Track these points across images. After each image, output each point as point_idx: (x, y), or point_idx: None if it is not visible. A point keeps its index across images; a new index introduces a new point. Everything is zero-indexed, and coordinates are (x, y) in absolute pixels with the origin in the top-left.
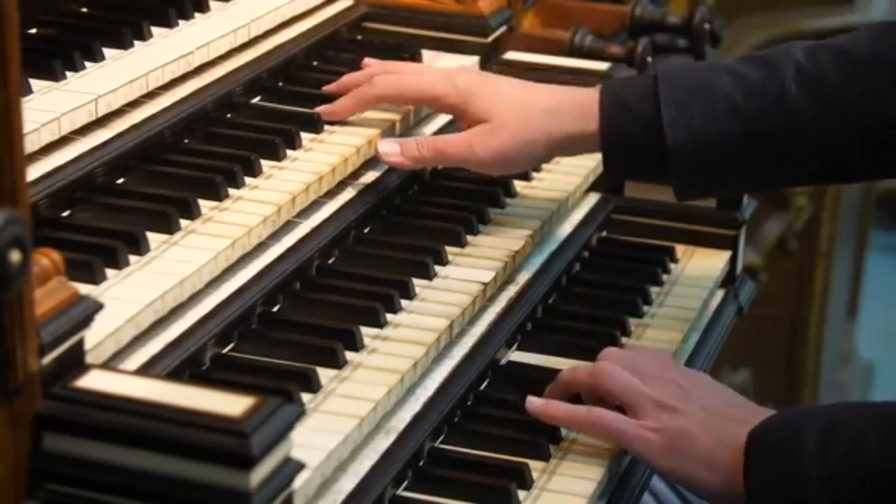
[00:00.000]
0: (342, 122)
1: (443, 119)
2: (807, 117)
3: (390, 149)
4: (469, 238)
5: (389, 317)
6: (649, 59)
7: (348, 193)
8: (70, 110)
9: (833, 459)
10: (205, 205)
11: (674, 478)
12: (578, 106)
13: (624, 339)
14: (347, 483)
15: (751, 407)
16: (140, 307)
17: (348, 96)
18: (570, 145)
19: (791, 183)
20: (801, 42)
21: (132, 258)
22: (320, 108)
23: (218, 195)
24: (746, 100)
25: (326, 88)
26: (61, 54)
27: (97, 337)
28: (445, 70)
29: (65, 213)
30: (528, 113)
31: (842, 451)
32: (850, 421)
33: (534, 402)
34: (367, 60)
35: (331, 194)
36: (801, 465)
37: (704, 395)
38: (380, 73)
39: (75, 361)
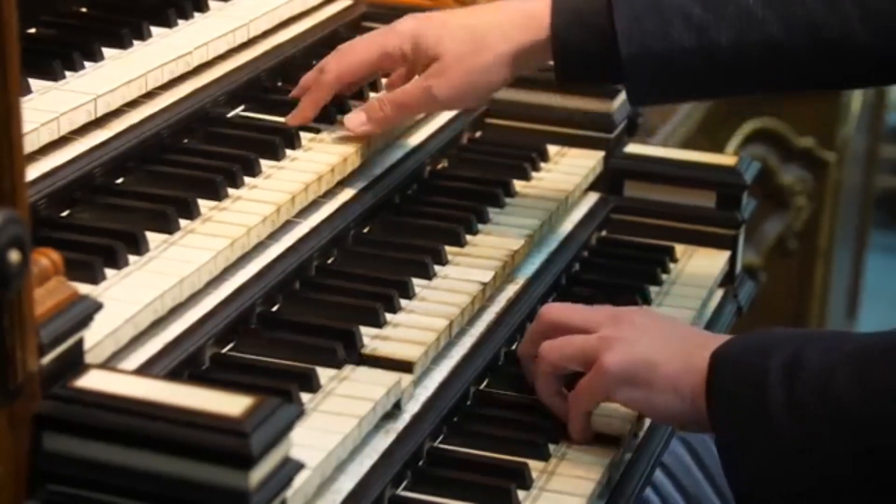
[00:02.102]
0: (341, 123)
1: (444, 116)
2: (766, 29)
3: (356, 119)
4: (468, 238)
5: (389, 316)
6: None
7: (347, 193)
8: (69, 110)
9: (800, 388)
10: (204, 205)
11: (643, 410)
12: (528, 17)
13: None
14: (347, 483)
15: (709, 334)
16: (139, 307)
17: (307, 94)
18: (524, 58)
19: (745, 93)
20: None
21: (131, 258)
22: (288, 118)
23: (217, 195)
24: (704, 12)
25: (292, 95)
26: (60, 54)
27: (96, 337)
28: (384, 27)
29: (64, 213)
30: (476, 37)
31: (810, 382)
32: (819, 351)
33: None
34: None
35: (330, 194)
36: (765, 391)
37: (662, 325)
38: (327, 60)
39: (75, 361)
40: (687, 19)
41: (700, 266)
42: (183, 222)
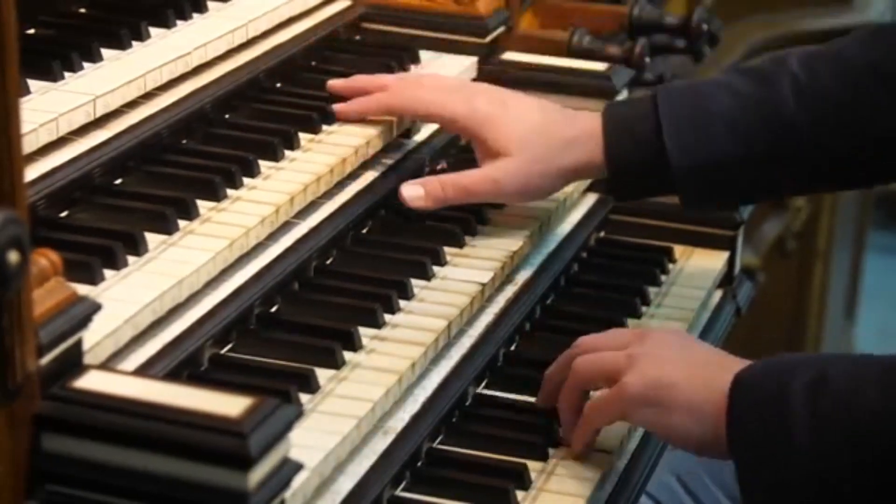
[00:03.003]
0: (340, 123)
1: None
2: (806, 131)
3: (414, 192)
4: (467, 238)
5: (388, 317)
6: (647, 59)
7: (346, 194)
8: (68, 111)
9: (823, 411)
10: (203, 205)
11: (659, 432)
12: (590, 137)
13: None
14: (346, 483)
15: (734, 358)
16: (138, 308)
17: (367, 98)
18: (580, 174)
19: (795, 193)
20: (794, 51)
21: (130, 259)
22: (337, 105)
23: (216, 196)
24: (745, 118)
25: (333, 84)
26: (59, 55)
27: (95, 337)
28: (465, 89)
29: (63, 214)
30: (546, 147)
31: (833, 404)
32: (845, 372)
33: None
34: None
35: (329, 195)
36: (787, 416)
37: (684, 349)
38: (394, 83)
39: (74, 362)
40: (729, 126)
41: (698, 267)
42: (182, 223)
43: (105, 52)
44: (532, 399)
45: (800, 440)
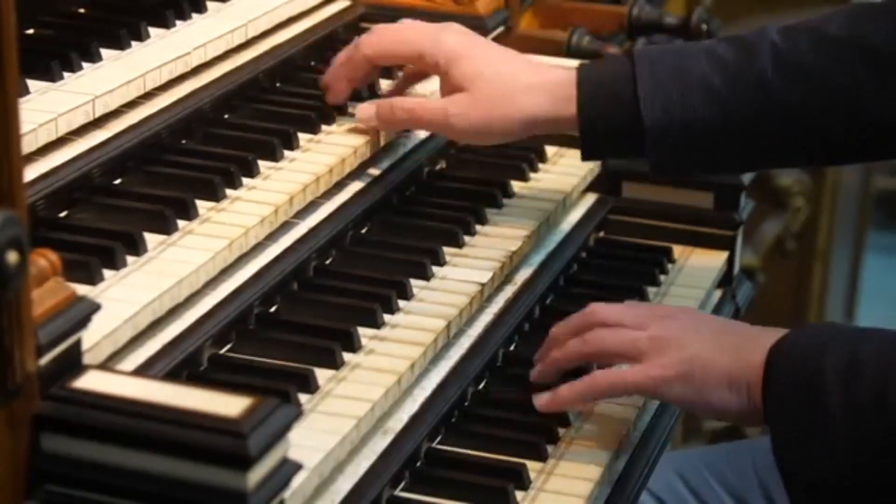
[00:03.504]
0: (339, 124)
1: None
2: (784, 102)
3: (367, 111)
4: (467, 239)
5: (387, 317)
6: None
7: (346, 194)
8: (67, 111)
9: (858, 393)
10: (202, 205)
11: (699, 407)
12: (557, 86)
13: None
14: (345, 483)
15: (758, 327)
16: (137, 308)
17: (338, 68)
18: (546, 126)
19: (771, 166)
20: (776, 24)
21: (130, 259)
22: (327, 97)
23: (215, 196)
24: (724, 83)
25: (323, 80)
26: (59, 55)
27: (95, 337)
28: (436, 26)
29: (62, 214)
30: (509, 89)
31: (867, 387)
32: (875, 353)
33: (542, 398)
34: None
35: (328, 195)
36: (822, 393)
37: (710, 324)
38: (366, 38)
39: (73, 362)
40: (707, 90)
41: (698, 267)
42: (181, 223)
43: (104, 52)
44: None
45: (836, 423)
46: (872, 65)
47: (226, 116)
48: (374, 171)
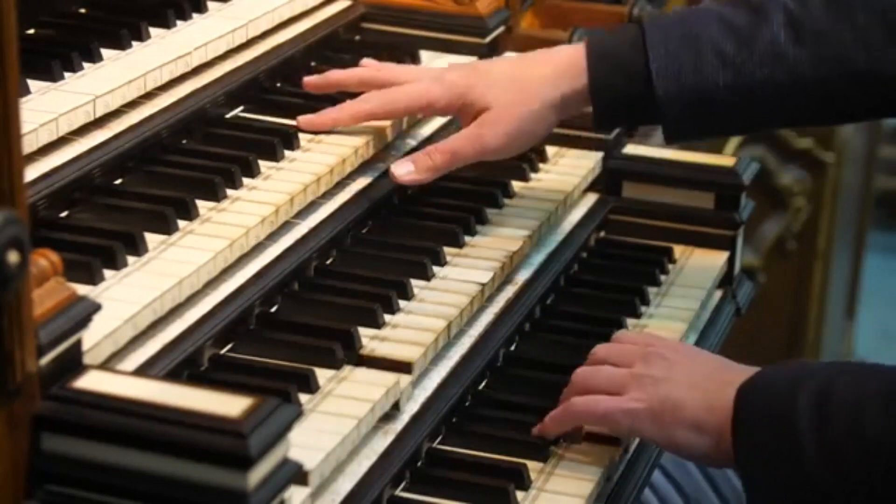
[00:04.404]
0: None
1: (442, 118)
2: (797, 64)
3: (404, 169)
4: (467, 239)
5: (387, 317)
6: None
7: (346, 194)
8: (68, 111)
9: (830, 432)
10: (203, 205)
11: (664, 446)
12: (569, 65)
13: None
14: (346, 483)
15: (737, 368)
16: (138, 308)
17: (337, 108)
18: (568, 104)
19: (782, 126)
20: None
21: (130, 259)
22: (301, 119)
23: (216, 196)
24: (736, 49)
25: (308, 80)
26: (59, 55)
27: (95, 337)
28: (434, 71)
29: (63, 214)
30: (523, 87)
31: (840, 423)
32: (847, 388)
33: (534, 430)
34: (364, 61)
35: (329, 195)
36: (795, 436)
37: (689, 363)
38: (368, 78)
39: (73, 362)
40: (720, 56)
41: (698, 267)
42: (182, 223)
43: (105, 52)
44: (532, 399)
45: (809, 463)
46: (886, 23)
47: (226, 116)
48: (375, 172)
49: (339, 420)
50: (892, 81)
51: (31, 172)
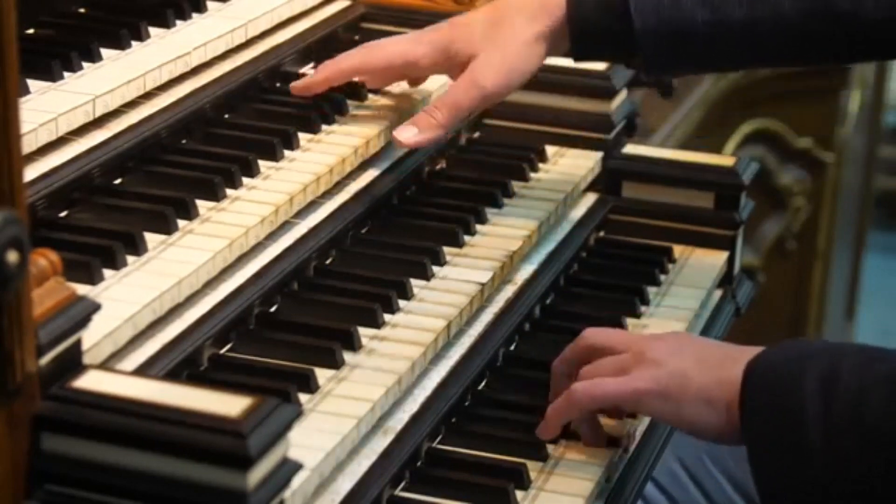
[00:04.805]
0: (340, 123)
1: None
2: (777, 3)
3: (407, 132)
4: (467, 238)
5: (387, 317)
6: None
7: (346, 194)
8: (67, 111)
9: (836, 411)
10: (202, 205)
11: (674, 423)
12: (545, 1)
13: None
14: (345, 483)
15: (740, 348)
16: (138, 308)
17: (321, 68)
18: (550, 40)
19: (763, 65)
20: None
21: (130, 259)
22: (294, 85)
23: (216, 196)
24: None
25: (295, 86)
26: (59, 55)
27: (95, 337)
28: (411, 34)
29: (62, 214)
30: (505, 28)
31: (845, 405)
32: (854, 371)
33: (538, 429)
34: None
35: (328, 195)
36: (801, 409)
37: (695, 345)
38: (346, 64)
39: (73, 362)
40: None
41: (698, 267)
42: (181, 223)
43: (104, 52)
44: (532, 399)
45: (814, 441)
46: None
47: (226, 116)
48: (375, 171)
49: (339, 420)
50: (873, 22)
51: (31, 172)
